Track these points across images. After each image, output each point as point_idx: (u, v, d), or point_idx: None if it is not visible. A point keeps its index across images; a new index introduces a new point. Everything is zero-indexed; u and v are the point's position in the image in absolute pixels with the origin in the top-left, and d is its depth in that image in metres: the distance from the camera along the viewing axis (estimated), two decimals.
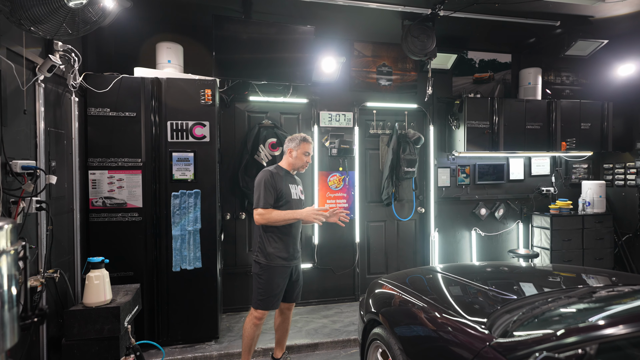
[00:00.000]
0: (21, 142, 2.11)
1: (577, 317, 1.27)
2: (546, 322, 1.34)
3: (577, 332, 1.08)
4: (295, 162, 2.65)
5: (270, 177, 2.51)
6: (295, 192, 2.65)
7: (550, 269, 2.80)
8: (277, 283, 2.53)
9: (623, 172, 4.61)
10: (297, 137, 2.68)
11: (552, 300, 1.63)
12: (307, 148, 2.66)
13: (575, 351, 1.02)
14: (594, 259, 4.41)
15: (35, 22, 1.81)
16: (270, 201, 2.47)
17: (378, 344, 2.15)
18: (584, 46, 4.05)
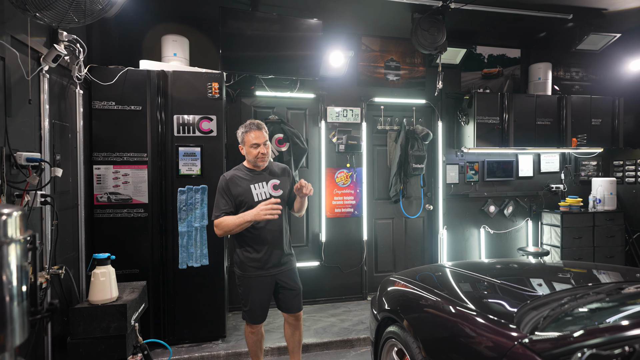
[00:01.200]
0: (26, 134, 2.04)
1: (614, 313, 1.20)
2: (580, 318, 1.27)
3: (623, 328, 1.02)
4: (250, 158, 2.29)
5: (224, 184, 2.26)
6: (261, 191, 2.29)
7: (564, 266, 2.74)
8: (256, 295, 2.28)
9: (634, 168, 4.55)
10: (240, 129, 2.32)
11: (580, 296, 1.56)
12: (254, 138, 2.24)
13: (623, 349, 0.95)
14: (604, 257, 4.34)
15: (40, 8, 1.75)
16: (224, 210, 2.20)
17: (393, 343, 2.08)
18: (596, 40, 3.98)
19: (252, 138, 2.26)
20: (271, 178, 2.35)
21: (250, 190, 2.27)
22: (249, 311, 2.32)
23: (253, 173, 2.33)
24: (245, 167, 2.36)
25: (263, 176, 2.34)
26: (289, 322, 2.46)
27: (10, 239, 0.87)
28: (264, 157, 2.28)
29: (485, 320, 1.51)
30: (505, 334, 1.36)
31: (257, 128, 2.28)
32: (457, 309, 1.68)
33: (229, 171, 2.36)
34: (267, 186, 2.32)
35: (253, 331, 2.39)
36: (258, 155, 2.27)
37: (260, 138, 2.26)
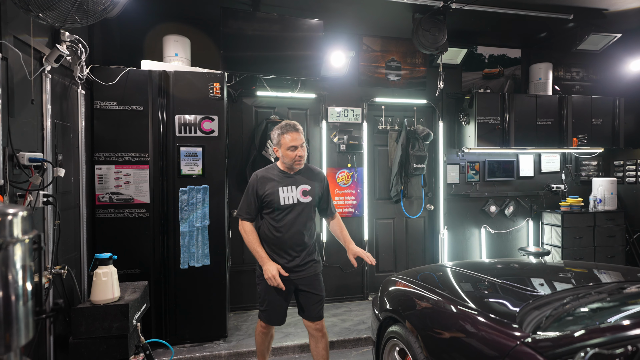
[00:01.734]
0: (28, 134, 2.04)
1: (616, 313, 1.21)
2: (582, 317, 1.27)
3: (626, 327, 1.02)
4: (286, 160, 2.21)
5: (254, 182, 2.23)
6: (289, 195, 2.21)
7: (565, 266, 2.75)
8: (273, 296, 2.24)
9: (634, 168, 4.55)
10: (276, 131, 2.22)
11: (582, 295, 1.57)
12: (292, 140, 2.16)
13: (626, 348, 0.95)
14: (605, 257, 4.35)
15: (43, 9, 1.75)
16: (249, 212, 2.21)
17: (395, 342, 2.08)
18: (597, 40, 3.99)
19: (289, 140, 2.16)
20: (302, 182, 2.26)
21: (278, 192, 2.21)
22: (264, 311, 2.30)
23: (284, 175, 2.26)
24: (278, 168, 2.29)
25: (294, 179, 2.26)
26: (310, 332, 2.35)
27: (16, 238, 0.88)
28: (301, 159, 2.21)
29: (487, 319, 1.51)
30: (508, 334, 1.36)
31: (294, 129, 2.18)
32: (458, 309, 1.69)
33: (261, 170, 2.32)
34: (296, 190, 2.24)
35: (264, 331, 2.36)
36: (295, 158, 2.18)
37: (297, 140, 2.18)
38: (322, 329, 2.34)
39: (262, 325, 2.35)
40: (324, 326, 2.37)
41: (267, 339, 2.44)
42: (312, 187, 2.30)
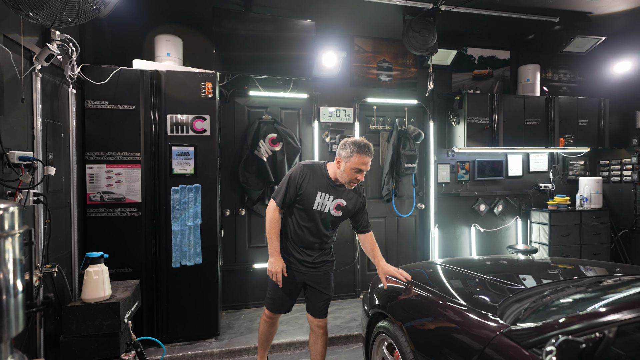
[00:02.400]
0: (18, 133, 2.05)
1: (590, 304, 1.26)
2: (558, 309, 1.33)
3: (593, 316, 1.07)
4: (343, 175, 2.15)
5: (299, 175, 2.18)
6: (323, 202, 2.20)
7: (551, 262, 2.81)
8: (283, 288, 2.27)
9: (619, 168, 4.65)
10: (351, 145, 2.12)
11: (561, 289, 1.62)
12: (361, 163, 2.10)
13: (593, 335, 1.00)
14: (591, 254, 4.44)
15: (34, 8, 1.77)
16: (283, 199, 2.19)
17: (384, 337, 2.13)
18: (582, 43, 4.08)
19: (360, 161, 2.10)
20: (341, 196, 2.24)
21: (315, 195, 2.19)
22: (270, 299, 2.35)
23: (329, 182, 2.22)
24: (327, 171, 2.24)
25: (336, 190, 2.23)
26: (312, 329, 2.39)
27: (7, 232, 0.90)
28: (357, 183, 2.19)
29: (470, 313, 1.56)
30: (489, 325, 1.41)
31: (369, 153, 2.13)
32: (444, 303, 1.74)
33: (309, 163, 2.26)
34: (331, 202, 2.22)
35: (268, 320, 2.40)
36: (353, 179, 2.15)
37: (367, 165, 2.14)
38: (324, 326, 2.37)
39: (267, 313, 2.39)
40: (326, 324, 2.39)
41: (271, 329, 2.45)
42: (348, 204, 2.27)
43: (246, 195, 3.82)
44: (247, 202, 3.85)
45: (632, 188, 4.50)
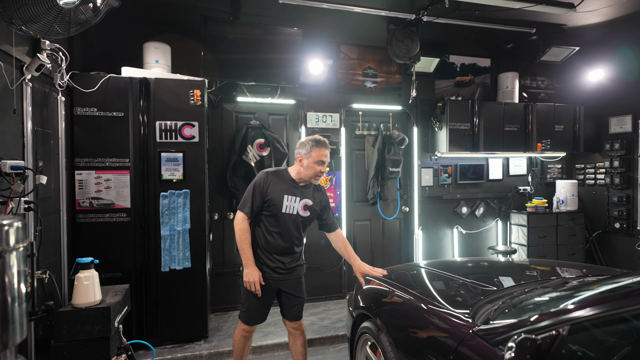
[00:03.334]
0: (8, 142, 2.08)
1: (550, 304, 1.39)
2: (523, 309, 1.45)
3: (550, 316, 1.19)
4: (307, 172, 2.24)
5: (264, 181, 2.24)
6: (292, 205, 2.26)
7: (527, 263, 2.97)
8: (257, 297, 2.27)
9: (593, 171, 4.88)
10: (309, 142, 2.24)
11: (529, 290, 1.75)
12: (322, 155, 2.21)
13: (550, 332, 1.12)
14: (567, 254, 4.65)
15: (26, 22, 1.81)
16: (250, 208, 2.22)
17: (367, 337, 2.23)
18: (558, 52, 4.27)
19: (320, 155, 2.21)
20: (306, 197, 2.32)
21: (283, 198, 2.24)
22: (246, 312, 2.34)
23: (293, 184, 2.29)
24: (289, 175, 2.31)
25: (301, 192, 2.30)
26: (289, 331, 2.46)
27: (12, 247, 0.96)
28: (321, 175, 2.27)
29: (446, 313, 1.67)
30: (462, 325, 1.53)
31: (326, 146, 2.25)
32: (423, 305, 1.85)
33: (271, 170, 2.33)
34: (298, 203, 2.29)
35: (246, 334, 2.39)
36: (317, 173, 2.23)
37: (327, 157, 2.25)
38: (300, 327, 2.46)
39: (245, 328, 2.38)
40: (302, 324, 2.48)
41: (247, 343, 2.45)
42: (314, 203, 2.35)
43: (234, 200, 3.88)
44: (235, 206, 3.89)
45: (605, 191, 4.72)
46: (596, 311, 1.10)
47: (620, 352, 1.17)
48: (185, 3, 3.29)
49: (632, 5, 3.36)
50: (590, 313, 1.11)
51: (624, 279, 1.35)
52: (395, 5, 3.42)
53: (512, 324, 1.30)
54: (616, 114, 4.58)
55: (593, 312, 1.11)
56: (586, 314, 1.13)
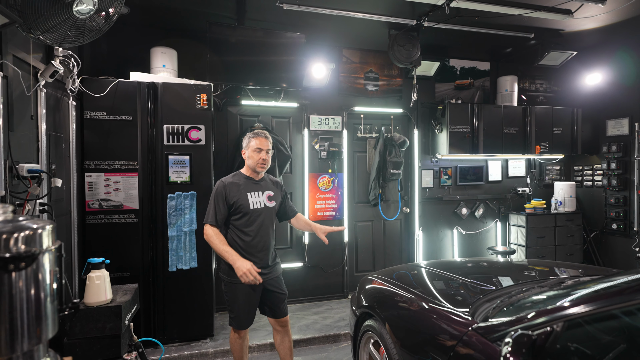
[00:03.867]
0: (25, 146, 2.16)
1: (546, 302, 1.46)
2: (521, 307, 1.52)
3: (545, 313, 1.27)
4: (251, 162, 2.38)
5: (221, 189, 2.33)
6: (258, 200, 2.38)
7: (525, 263, 3.05)
8: (243, 301, 2.34)
9: (591, 173, 4.95)
10: (248, 135, 2.43)
11: (526, 289, 1.83)
12: (255, 144, 2.36)
13: (544, 329, 1.20)
14: (565, 255, 4.72)
15: (44, 31, 1.88)
16: (217, 218, 2.29)
17: (370, 335, 2.30)
18: (556, 56, 4.35)
19: (256, 143, 2.36)
20: (267, 188, 2.46)
21: (247, 197, 2.35)
22: (235, 317, 2.39)
23: (250, 181, 2.41)
24: (243, 175, 2.44)
25: (259, 186, 2.44)
26: (276, 329, 2.52)
27: (45, 249, 1.04)
28: (264, 162, 2.37)
29: (446, 312, 1.75)
30: (461, 323, 1.60)
31: (263, 136, 2.40)
32: (424, 304, 1.92)
33: (226, 177, 2.43)
34: (262, 196, 2.41)
35: (239, 339, 2.45)
36: (259, 161, 2.35)
37: (264, 145, 2.37)
38: (287, 323, 2.52)
39: (237, 332, 2.43)
40: (289, 322, 2.54)
41: (243, 344, 2.50)
42: (275, 193, 2.50)
43: None
44: None
45: (602, 192, 4.80)
46: (589, 308, 1.18)
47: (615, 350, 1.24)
48: (191, 9, 3.36)
49: (629, 12, 3.43)
50: (583, 310, 1.19)
51: (616, 278, 1.43)
52: (397, 11, 3.50)
53: (510, 321, 1.38)
54: (613, 117, 4.65)
55: (586, 310, 1.19)
56: (579, 311, 1.21)
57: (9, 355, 0.98)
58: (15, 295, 0.98)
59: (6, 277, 0.96)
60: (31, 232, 1.01)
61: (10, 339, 0.97)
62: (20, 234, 0.98)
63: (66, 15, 1.88)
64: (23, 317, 0.99)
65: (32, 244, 1.01)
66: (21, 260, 0.95)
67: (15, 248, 0.97)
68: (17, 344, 0.98)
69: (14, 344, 0.98)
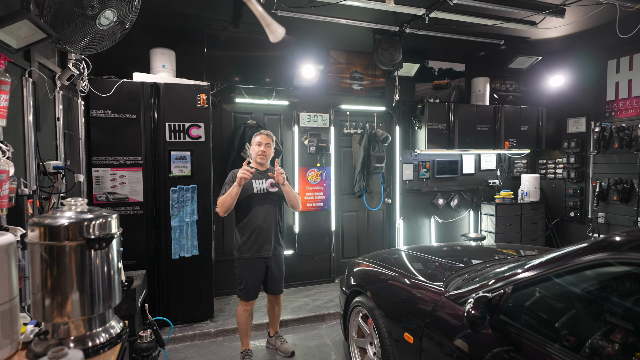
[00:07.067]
0: (47, 145, 2.36)
1: (503, 273, 1.84)
2: (484, 278, 1.89)
3: (499, 280, 1.64)
4: (254, 154, 2.85)
5: (232, 176, 2.79)
6: (260, 186, 2.80)
7: (494, 247, 3.47)
8: (250, 274, 2.78)
9: (553, 167, 5.47)
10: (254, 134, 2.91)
11: (490, 266, 2.21)
12: (257, 140, 2.84)
13: (499, 292, 1.56)
14: (529, 240, 5.24)
15: (71, 42, 2.09)
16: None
17: (359, 309, 2.66)
18: (523, 61, 4.78)
19: (257, 139, 2.84)
20: (270, 178, 2.85)
21: (252, 183, 2.79)
22: (243, 289, 2.80)
23: (256, 171, 2.83)
24: (250, 167, 2.82)
25: (264, 174, 2.86)
26: (270, 301, 3.05)
27: (114, 233, 1.31)
28: (263, 154, 2.83)
29: (425, 285, 2.11)
30: (437, 292, 1.97)
31: (265, 133, 2.86)
32: (406, 279, 2.28)
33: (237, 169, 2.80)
34: (265, 182, 2.83)
35: (247, 309, 2.84)
36: (258, 152, 2.82)
37: (263, 140, 2.84)
38: (279, 299, 3.05)
39: (244, 304, 2.83)
40: (281, 297, 3.07)
41: (250, 318, 2.90)
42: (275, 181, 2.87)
43: None
44: None
45: (563, 184, 5.33)
46: (530, 273, 1.55)
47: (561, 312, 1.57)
48: (189, 13, 3.55)
49: (585, 24, 3.87)
50: (526, 275, 1.56)
51: (554, 252, 1.81)
52: (381, 19, 3.80)
53: (474, 288, 1.74)
54: (573, 116, 5.16)
55: (528, 275, 1.56)
56: (523, 276, 1.58)
57: (89, 316, 1.26)
58: (95, 269, 1.25)
59: (88, 255, 1.23)
60: (104, 220, 1.28)
61: (91, 303, 1.25)
62: (98, 221, 1.26)
63: (90, 27, 2.09)
64: (99, 286, 1.27)
65: (107, 229, 1.28)
66: (103, 241, 1.22)
67: (95, 232, 1.24)
68: (95, 307, 1.26)
69: (93, 307, 1.26)
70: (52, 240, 1.18)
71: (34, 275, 1.20)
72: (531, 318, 1.54)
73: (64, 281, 1.20)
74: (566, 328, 1.43)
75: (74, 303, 1.21)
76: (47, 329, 1.22)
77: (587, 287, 1.51)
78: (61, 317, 1.21)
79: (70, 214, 1.23)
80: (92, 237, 1.21)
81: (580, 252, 1.42)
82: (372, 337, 2.49)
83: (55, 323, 1.22)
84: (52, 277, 1.19)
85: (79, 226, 1.20)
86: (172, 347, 3.23)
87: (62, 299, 1.20)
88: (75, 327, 1.24)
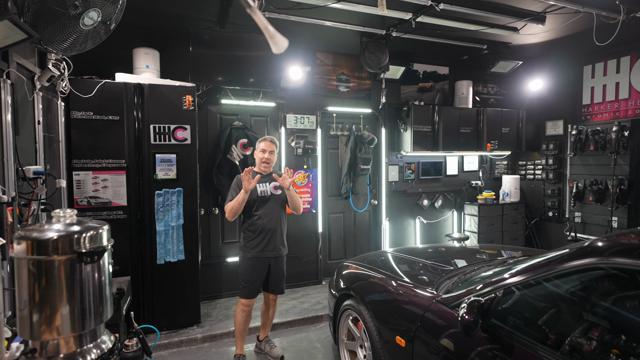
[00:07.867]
0: (26, 148, 2.26)
1: (492, 277, 1.88)
2: (473, 282, 1.93)
3: (489, 284, 1.68)
4: (258, 160, 2.93)
5: (236, 181, 2.87)
6: (264, 189, 2.88)
7: (477, 247, 3.55)
8: (252, 273, 2.85)
9: (533, 168, 5.65)
10: (258, 140, 2.98)
11: (477, 268, 2.27)
12: (261, 146, 2.91)
13: (490, 295, 1.60)
14: (510, 239, 5.40)
15: (52, 43, 2.00)
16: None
17: (349, 312, 2.67)
18: (505, 65, 4.91)
19: (262, 146, 2.91)
20: (273, 181, 2.92)
21: (256, 187, 2.85)
22: (245, 286, 2.85)
23: (260, 175, 2.89)
24: (255, 171, 2.89)
25: (267, 178, 2.94)
26: (267, 301, 3.06)
27: (106, 245, 1.27)
28: (267, 161, 2.90)
29: (415, 288, 2.14)
30: (428, 296, 2.00)
31: (269, 141, 2.92)
32: (396, 282, 2.31)
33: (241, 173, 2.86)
34: (269, 186, 2.91)
35: (246, 309, 2.89)
36: (262, 159, 2.89)
37: (268, 147, 2.90)
38: (276, 300, 3.09)
39: (244, 302, 2.87)
40: (277, 299, 3.11)
41: (248, 319, 2.93)
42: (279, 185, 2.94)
43: (219, 196, 4.16)
44: (221, 202, 4.18)
45: (542, 184, 5.51)
46: (519, 278, 1.60)
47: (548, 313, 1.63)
48: (175, 12, 3.47)
49: (564, 31, 4.00)
50: (516, 280, 1.60)
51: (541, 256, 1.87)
52: (369, 22, 3.82)
53: (465, 292, 1.78)
54: (551, 119, 5.34)
55: (517, 279, 1.60)
56: (513, 280, 1.62)
57: (80, 332, 1.22)
58: (85, 284, 1.21)
59: (79, 269, 1.19)
60: (95, 232, 1.24)
61: (81, 318, 1.21)
62: (89, 234, 1.21)
63: (74, 27, 2.01)
64: (90, 301, 1.23)
65: (98, 241, 1.24)
66: (94, 254, 1.18)
67: (86, 245, 1.20)
68: (86, 323, 1.22)
69: (84, 323, 1.22)
70: (40, 255, 1.13)
71: (20, 291, 1.15)
72: (521, 320, 1.58)
73: (53, 296, 1.15)
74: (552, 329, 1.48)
75: (64, 318, 1.17)
76: (35, 346, 1.17)
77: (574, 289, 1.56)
78: (50, 333, 1.16)
79: (59, 227, 1.18)
80: (82, 250, 1.16)
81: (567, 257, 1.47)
82: (362, 340, 2.50)
83: (43, 340, 1.17)
84: (41, 292, 1.14)
85: (69, 239, 1.15)
86: (158, 355, 3.16)
87: (51, 315, 1.15)
88: (65, 344, 1.19)
